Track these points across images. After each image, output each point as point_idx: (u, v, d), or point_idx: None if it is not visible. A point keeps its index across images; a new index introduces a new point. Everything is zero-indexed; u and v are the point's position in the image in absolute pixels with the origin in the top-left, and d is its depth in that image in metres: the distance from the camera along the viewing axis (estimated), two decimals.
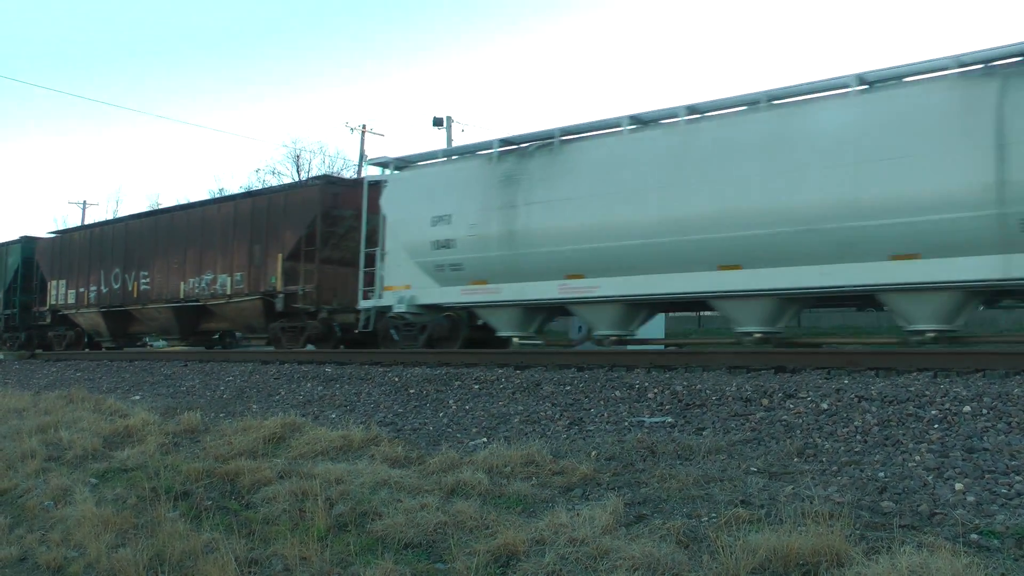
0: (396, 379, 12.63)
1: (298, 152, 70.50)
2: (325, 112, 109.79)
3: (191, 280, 22.48)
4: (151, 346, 28.52)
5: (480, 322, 16.54)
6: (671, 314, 19.36)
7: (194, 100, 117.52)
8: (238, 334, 26.34)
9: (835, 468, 6.46)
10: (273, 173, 67.49)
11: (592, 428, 8.74)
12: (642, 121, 14.21)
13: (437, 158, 17.42)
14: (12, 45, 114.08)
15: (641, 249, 13.38)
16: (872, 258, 11.37)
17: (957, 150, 10.82)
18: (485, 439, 8.82)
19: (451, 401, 10.80)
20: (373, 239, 17.28)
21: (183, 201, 58.82)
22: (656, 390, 9.62)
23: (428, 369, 13.30)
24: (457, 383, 11.68)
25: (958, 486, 5.70)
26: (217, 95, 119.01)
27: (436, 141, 72.65)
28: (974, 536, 4.86)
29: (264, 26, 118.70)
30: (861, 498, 5.69)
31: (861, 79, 12.03)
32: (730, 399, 8.82)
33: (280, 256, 19.97)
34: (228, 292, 21.37)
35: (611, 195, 13.88)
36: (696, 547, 5.12)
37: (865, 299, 12.59)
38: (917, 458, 6.38)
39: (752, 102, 13.15)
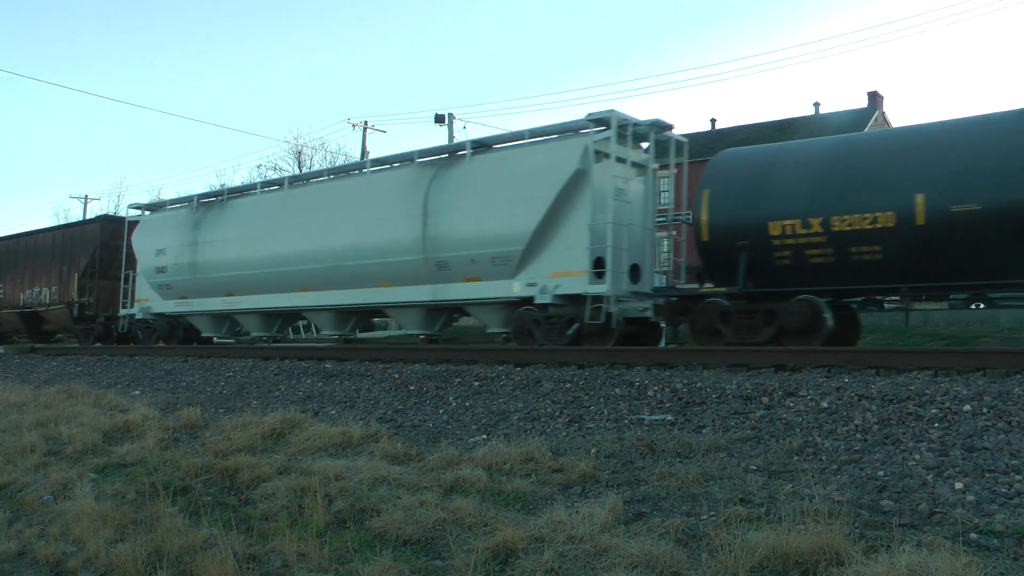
0: (396, 376, 12.63)
1: (300, 148, 70.53)
2: (327, 108, 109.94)
3: (27, 291, 30.72)
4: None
5: (187, 324, 24.46)
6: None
7: (197, 95, 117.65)
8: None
9: (835, 467, 6.45)
10: (274, 168, 67.47)
11: (592, 426, 8.73)
12: (267, 184, 23.26)
13: (167, 206, 25.89)
14: (15, 39, 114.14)
15: (258, 276, 21.07)
16: (373, 285, 18.57)
17: (410, 214, 17.75)
18: (485, 436, 8.81)
19: (451, 398, 10.79)
20: (133, 264, 25.30)
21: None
22: (656, 388, 9.61)
23: (428, 366, 13.29)
24: (457, 380, 11.67)
25: (958, 485, 5.69)
26: (220, 90, 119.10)
27: (439, 138, 72.56)
28: (974, 535, 4.86)
29: (267, 22, 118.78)
30: (861, 497, 5.69)
31: (374, 162, 20.19)
32: (730, 397, 8.81)
33: (76, 275, 27.90)
34: (47, 301, 29.47)
35: (245, 238, 21.72)
36: (695, 545, 5.12)
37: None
38: (917, 457, 6.37)
39: (318, 175, 22.27)
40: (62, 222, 60.39)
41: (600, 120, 15.53)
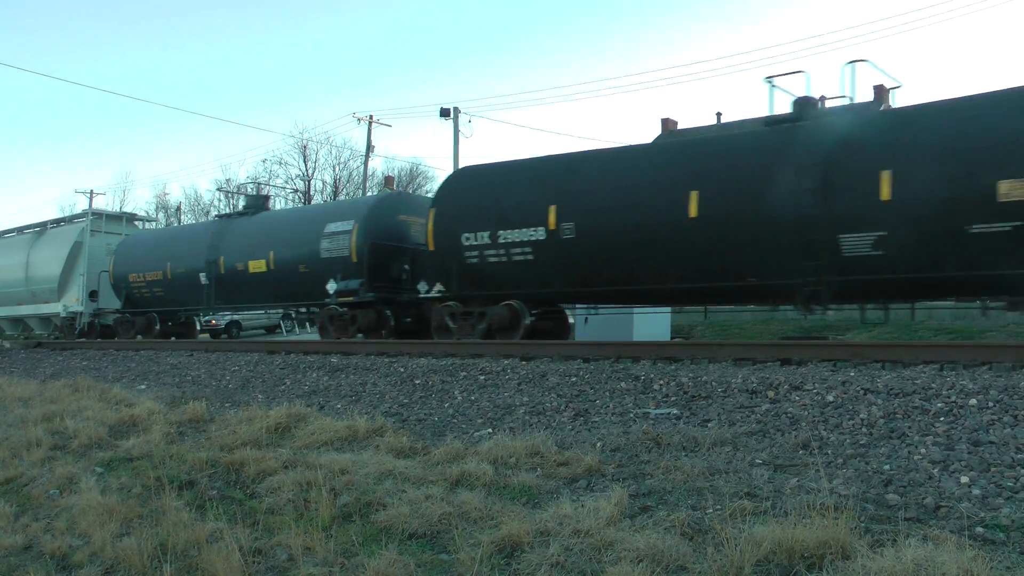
0: (402, 369, 12.63)
1: (305, 142, 70.54)
2: (333, 102, 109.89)
3: None
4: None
5: None
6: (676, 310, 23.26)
7: (201, 90, 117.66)
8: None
9: (840, 460, 6.45)
10: (280, 163, 67.55)
11: (597, 419, 8.73)
12: None
13: None
14: (19, 34, 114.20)
15: None
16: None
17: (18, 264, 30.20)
18: (490, 430, 8.81)
19: (457, 392, 10.79)
20: None
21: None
22: (662, 382, 9.60)
23: (434, 360, 13.29)
24: (463, 374, 11.67)
25: (964, 479, 5.68)
26: (225, 85, 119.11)
27: (443, 132, 72.39)
28: (980, 529, 4.85)
29: (272, 15, 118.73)
30: (866, 491, 5.68)
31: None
32: (736, 391, 8.81)
33: None
34: None
35: None
36: (701, 539, 5.11)
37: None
38: (923, 451, 6.36)
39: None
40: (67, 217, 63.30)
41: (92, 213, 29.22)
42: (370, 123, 52.92)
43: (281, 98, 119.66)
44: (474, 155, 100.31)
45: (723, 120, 56.79)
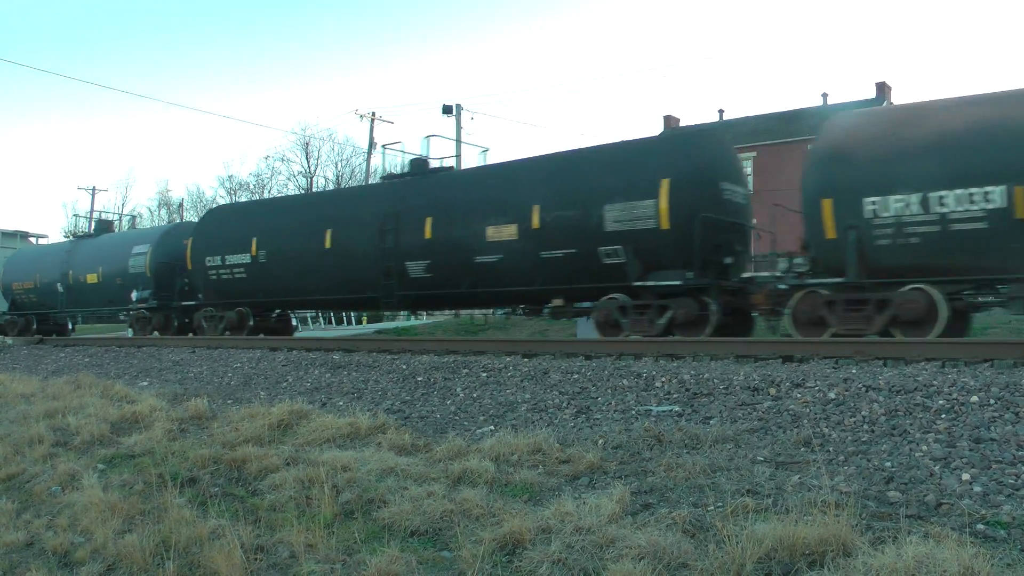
0: (404, 367, 12.63)
1: (307, 139, 70.56)
2: (335, 99, 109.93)
3: None
4: None
5: None
6: None
7: (204, 87, 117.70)
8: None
9: (842, 458, 6.45)
10: (282, 160, 67.69)
11: (599, 417, 8.73)
12: None
13: None
14: (23, 31, 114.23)
15: None
16: None
17: None
18: (492, 427, 8.82)
19: (459, 389, 10.80)
20: None
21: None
22: (663, 379, 9.60)
23: (436, 357, 13.29)
24: (465, 371, 11.67)
25: (965, 476, 5.69)
26: (227, 82, 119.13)
27: (446, 129, 72.49)
28: (981, 526, 4.85)
29: (275, 13, 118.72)
30: (868, 488, 5.68)
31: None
32: (737, 388, 8.81)
33: None
34: None
35: None
36: (702, 536, 5.11)
37: None
38: (924, 448, 6.37)
39: None
40: (71, 215, 67.88)
41: None
42: (372, 120, 52.95)
43: (284, 95, 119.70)
44: (475, 152, 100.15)
45: (725, 116, 56.88)
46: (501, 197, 17.13)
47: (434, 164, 21.37)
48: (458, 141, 44.11)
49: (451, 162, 25.69)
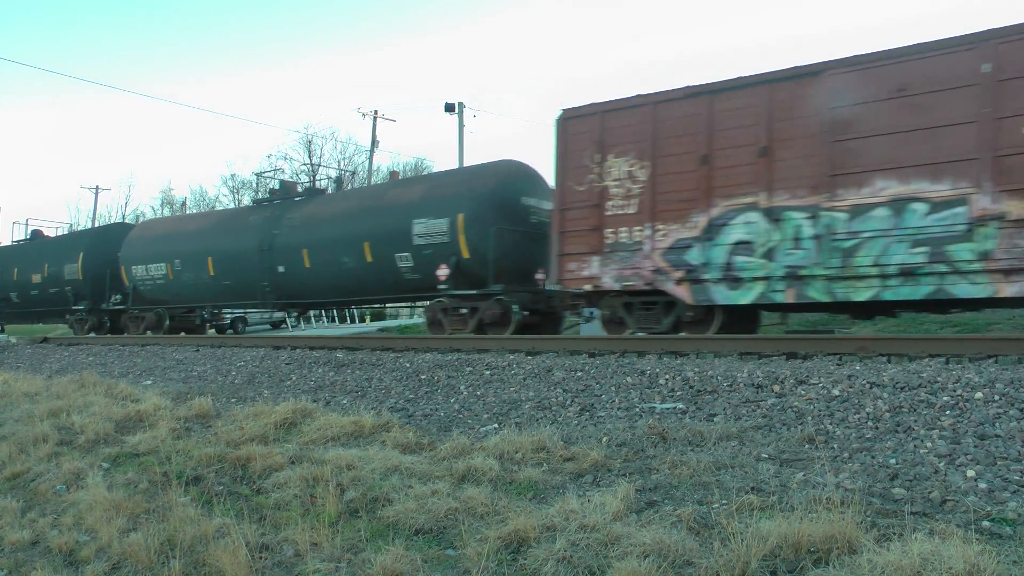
0: (407, 365, 12.63)
1: (310, 137, 70.61)
2: (337, 97, 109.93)
3: None
4: None
5: None
6: None
7: (207, 85, 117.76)
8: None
9: (846, 455, 6.44)
10: (285, 158, 67.72)
11: (603, 414, 8.73)
12: None
13: None
14: (26, 29, 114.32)
15: None
16: None
17: None
18: (496, 425, 8.82)
19: (462, 387, 10.80)
20: None
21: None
22: (667, 376, 9.59)
23: (439, 355, 13.29)
24: (468, 369, 11.67)
25: (970, 473, 5.68)
26: (230, 80, 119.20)
27: (448, 127, 72.32)
28: (986, 523, 4.85)
29: (278, 11, 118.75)
30: (872, 485, 5.68)
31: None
32: (741, 385, 8.80)
33: None
34: None
35: None
36: (707, 534, 5.12)
37: None
38: (929, 445, 6.36)
39: None
40: (76, 214, 67.40)
41: None
42: (375, 118, 52.97)
43: (287, 93, 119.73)
44: (477, 149, 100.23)
45: None
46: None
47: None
48: (460, 139, 44.11)
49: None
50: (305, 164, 71.61)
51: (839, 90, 12.33)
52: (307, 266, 21.04)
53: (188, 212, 36.20)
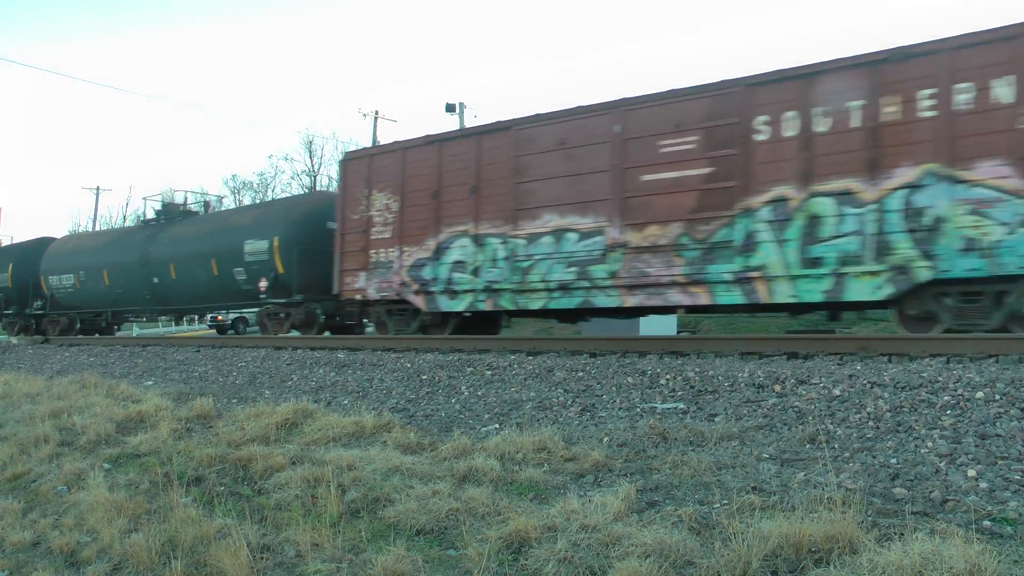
0: (408, 365, 12.64)
1: (311, 138, 70.67)
2: (338, 98, 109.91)
3: None
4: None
5: None
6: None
7: (208, 87, 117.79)
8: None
9: (847, 454, 6.44)
10: (286, 159, 67.74)
11: (604, 414, 8.74)
12: None
13: None
14: (30, 32, 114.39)
15: None
16: None
17: None
18: (497, 425, 8.82)
19: (463, 387, 10.80)
20: None
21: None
22: (668, 376, 9.60)
23: (440, 355, 13.30)
24: (469, 369, 11.68)
25: (971, 472, 5.68)
26: (232, 81, 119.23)
27: (450, 127, 72.57)
28: (987, 523, 4.85)
29: (278, 13, 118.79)
30: (873, 484, 5.68)
31: None
32: (742, 385, 8.80)
33: None
34: None
35: None
36: (708, 533, 5.12)
37: None
38: (929, 444, 6.36)
39: None
40: (76, 214, 67.47)
41: None
42: (375, 118, 53.00)
43: (288, 94, 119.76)
44: None
45: None
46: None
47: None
48: None
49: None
50: (306, 166, 71.67)
51: (522, 142, 15.36)
52: (174, 278, 24.30)
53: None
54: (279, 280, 20.81)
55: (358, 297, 18.14)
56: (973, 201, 10.58)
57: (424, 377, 11.73)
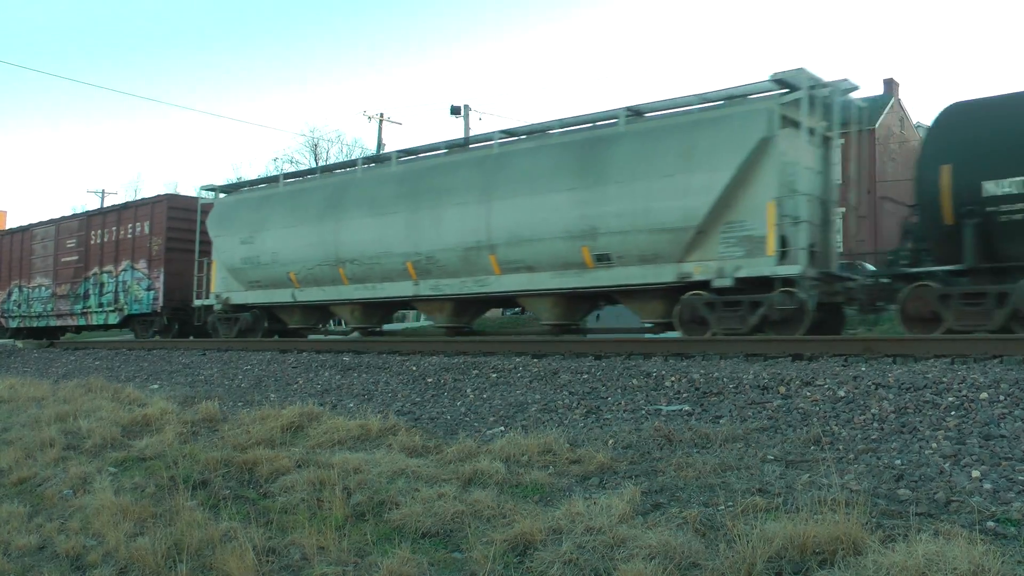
0: (414, 368, 12.65)
1: (316, 141, 70.68)
2: (343, 101, 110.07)
3: None
4: None
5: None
6: None
7: (213, 89, 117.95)
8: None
9: (852, 456, 6.44)
10: (291, 162, 67.81)
11: (609, 416, 8.74)
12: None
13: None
14: (34, 34, 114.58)
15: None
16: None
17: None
18: (502, 428, 8.82)
19: (469, 390, 10.81)
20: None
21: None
22: (673, 378, 9.60)
23: (446, 358, 13.31)
24: (475, 372, 11.68)
25: (975, 473, 5.68)
26: (236, 84, 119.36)
27: (454, 130, 72.44)
28: (991, 523, 4.84)
29: (283, 15, 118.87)
30: (878, 486, 5.68)
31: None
32: (747, 387, 8.80)
33: None
34: None
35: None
36: (713, 535, 5.12)
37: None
38: (934, 445, 6.36)
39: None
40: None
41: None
42: (380, 121, 53.02)
43: (293, 96, 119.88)
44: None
45: None
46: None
47: None
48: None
49: None
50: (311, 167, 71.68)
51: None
52: None
53: None
54: None
55: None
56: None
57: (429, 380, 11.74)
